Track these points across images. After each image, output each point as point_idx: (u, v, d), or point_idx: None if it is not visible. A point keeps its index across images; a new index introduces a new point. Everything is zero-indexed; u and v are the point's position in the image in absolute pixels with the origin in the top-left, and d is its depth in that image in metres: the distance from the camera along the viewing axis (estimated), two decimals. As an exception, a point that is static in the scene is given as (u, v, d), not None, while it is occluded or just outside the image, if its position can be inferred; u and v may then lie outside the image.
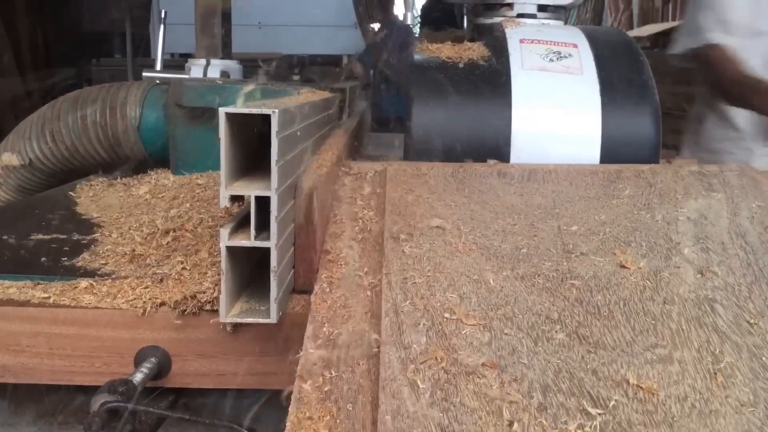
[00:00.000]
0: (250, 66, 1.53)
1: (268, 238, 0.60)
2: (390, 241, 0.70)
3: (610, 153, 1.01)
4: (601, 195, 0.84)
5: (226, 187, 0.59)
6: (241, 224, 0.63)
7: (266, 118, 0.59)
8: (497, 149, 1.00)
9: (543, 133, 1.01)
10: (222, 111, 0.57)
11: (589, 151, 1.02)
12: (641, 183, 0.87)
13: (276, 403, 0.75)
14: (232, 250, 0.60)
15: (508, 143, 1.00)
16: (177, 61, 2.58)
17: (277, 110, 0.58)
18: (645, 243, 0.73)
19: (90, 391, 0.67)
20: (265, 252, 0.60)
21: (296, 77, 1.44)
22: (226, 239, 0.59)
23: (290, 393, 0.52)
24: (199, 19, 1.42)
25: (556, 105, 1.02)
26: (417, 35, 1.27)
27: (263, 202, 0.60)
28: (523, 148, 1.01)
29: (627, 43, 1.12)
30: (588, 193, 0.85)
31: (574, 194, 0.84)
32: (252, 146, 0.68)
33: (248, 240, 0.60)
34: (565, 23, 1.29)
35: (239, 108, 0.58)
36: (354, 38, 3.61)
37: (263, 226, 0.61)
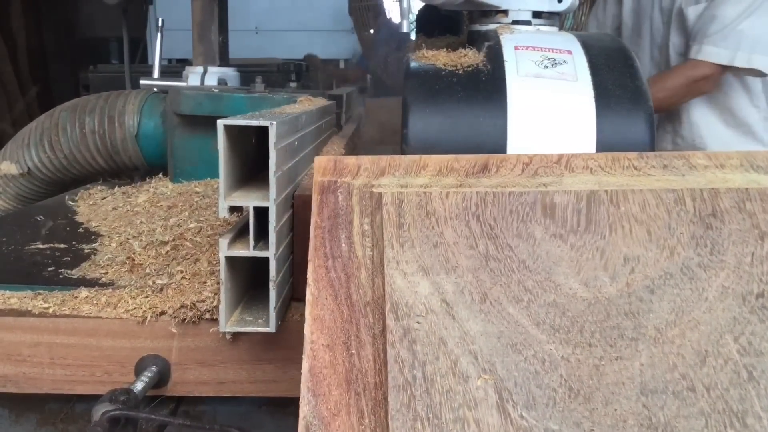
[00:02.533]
0: (248, 72, 1.53)
1: (266, 248, 0.61)
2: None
3: (605, 158, 1.02)
4: (699, 261, 0.57)
5: (225, 198, 0.60)
6: (239, 234, 0.64)
7: (264, 129, 0.59)
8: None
9: (538, 139, 1.02)
10: (221, 123, 0.58)
11: (585, 156, 1.02)
12: (746, 223, 0.59)
13: (274, 409, 0.76)
14: (231, 260, 0.61)
15: (503, 149, 1.01)
16: (174, 68, 2.59)
17: (274, 122, 0.58)
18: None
19: (91, 399, 0.68)
20: (264, 261, 0.61)
21: (293, 84, 1.45)
22: (225, 249, 0.60)
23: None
24: (196, 26, 1.43)
25: (551, 111, 1.03)
26: (412, 41, 1.28)
27: (262, 212, 0.60)
28: (519, 153, 1.01)
29: (620, 49, 1.13)
30: (679, 260, 0.57)
31: (660, 259, 0.57)
32: (250, 155, 0.69)
33: (247, 250, 0.60)
34: (561, 27, 1.30)
35: (237, 120, 0.59)
36: (351, 43, 3.62)
37: (262, 236, 0.61)
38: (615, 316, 0.53)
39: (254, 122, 0.59)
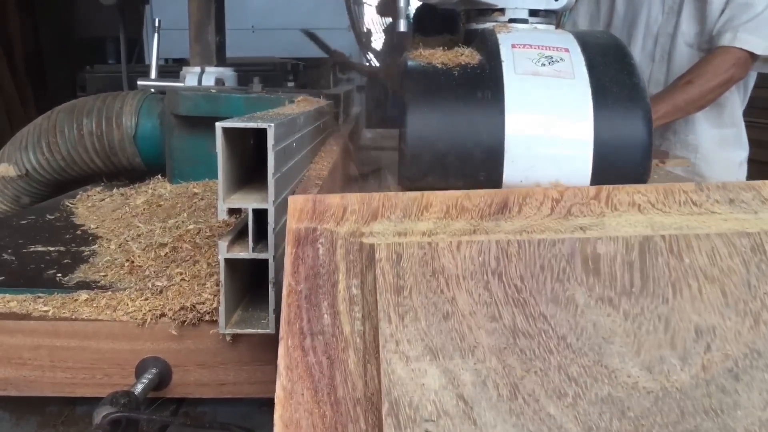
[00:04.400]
0: (245, 71, 1.53)
1: (265, 249, 0.61)
2: None
3: (603, 155, 1.02)
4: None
5: (224, 200, 0.60)
6: (239, 235, 0.64)
7: (262, 131, 0.59)
8: (491, 153, 1.01)
9: (536, 137, 1.02)
10: (219, 126, 0.58)
11: (582, 153, 1.02)
12: None
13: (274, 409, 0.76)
14: (230, 262, 0.61)
15: (501, 147, 1.01)
16: (171, 67, 2.58)
17: (272, 124, 0.58)
18: None
19: (92, 402, 0.68)
20: (264, 262, 0.61)
21: (291, 83, 1.44)
22: (224, 252, 0.60)
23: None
24: (192, 26, 1.43)
25: (549, 109, 1.03)
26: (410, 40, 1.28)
27: (261, 214, 0.60)
28: (517, 151, 1.02)
29: (617, 47, 1.13)
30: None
31: (741, 331, 0.44)
32: (248, 157, 0.69)
33: (246, 252, 0.60)
34: (558, 24, 1.30)
35: (236, 122, 0.59)
36: (348, 41, 3.62)
37: (261, 237, 0.61)
38: (692, 414, 0.40)
39: (252, 124, 0.59)
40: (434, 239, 0.48)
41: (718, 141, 1.82)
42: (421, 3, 1.11)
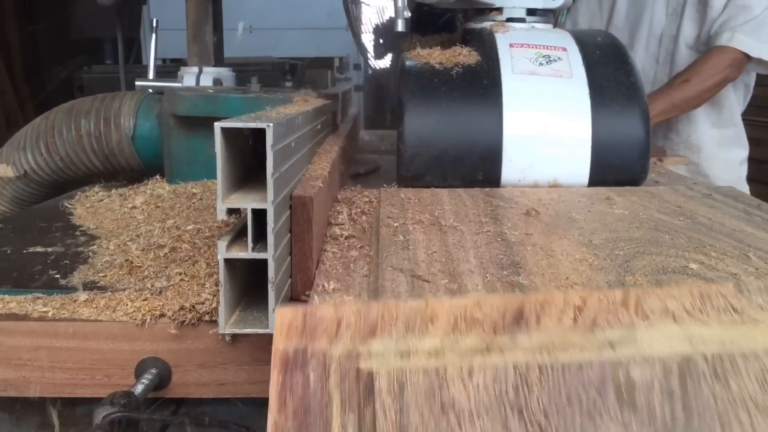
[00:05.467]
0: (243, 71, 1.53)
1: (265, 249, 0.61)
2: None
3: (601, 155, 1.03)
4: None
5: (223, 200, 0.60)
6: (238, 235, 0.64)
7: (261, 131, 0.60)
8: (489, 153, 1.02)
9: (534, 137, 1.03)
10: (217, 126, 0.58)
11: (580, 152, 1.03)
12: None
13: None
14: (229, 262, 0.61)
15: (499, 147, 1.02)
16: (169, 68, 2.58)
17: (271, 124, 0.59)
18: None
19: (91, 402, 0.68)
20: (263, 261, 0.61)
21: (289, 83, 1.45)
22: (224, 252, 0.60)
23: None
24: (190, 27, 1.43)
25: (547, 108, 1.03)
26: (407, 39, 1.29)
27: (260, 214, 0.61)
28: (515, 151, 1.02)
29: (615, 46, 1.14)
30: None
31: None
32: (247, 156, 0.69)
33: (246, 252, 0.61)
34: (556, 23, 1.31)
35: (234, 122, 0.59)
36: (346, 40, 3.62)
37: (260, 237, 0.62)
38: None
39: (251, 124, 0.60)
40: (441, 362, 0.41)
41: (719, 141, 1.84)
42: (418, 2, 1.11)
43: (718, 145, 1.83)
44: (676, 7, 1.78)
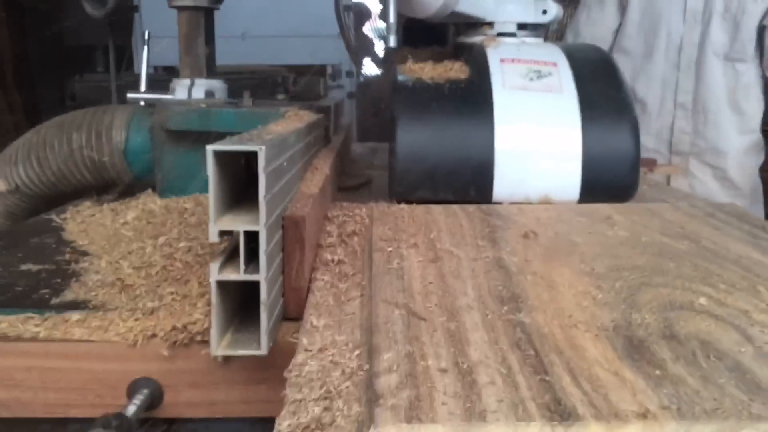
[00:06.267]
0: (235, 80, 1.53)
1: (257, 270, 0.61)
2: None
3: (592, 168, 1.03)
4: None
5: (215, 222, 0.60)
6: (230, 256, 0.64)
7: (253, 152, 0.60)
8: (481, 168, 1.02)
9: (525, 152, 1.03)
10: (209, 149, 0.58)
11: (571, 167, 1.04)
12: None
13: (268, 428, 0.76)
14: (222, 284, 0.61)
15: (491, 162, 1.02)
16: (160, 77, 2.58)
17: (263, 147, 0.59)
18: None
19: (83, 422, 0.68)
20: (256, 283, 0.61)
21: (281, 96, 1.45)
22: (216, 274, 0.60)
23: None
24: (182, 39, 1.43)
25: (538, 123, 1.04)
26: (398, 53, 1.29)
27: (252, 234, 0.61)
28: (507, 166, 1.03)
29: (605, 60, 1.15)
30: None
31: None
32: (239, 176, 0.69)
33: (238, 274, 0.61)
34: (546, 36, 1.32)
35: (227, 145, 0.59)
36: (338, 48, 3.62)
37: (252, 257, 0.62)
38: None
39: (244, 147, 0.60)
40: None
41: (745, 147, 1.87)
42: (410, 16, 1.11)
43: (743, 151, 1.86)
44: (695, 15, 1.79)
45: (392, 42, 1.02)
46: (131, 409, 0.65)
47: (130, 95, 1.40)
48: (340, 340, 0.56)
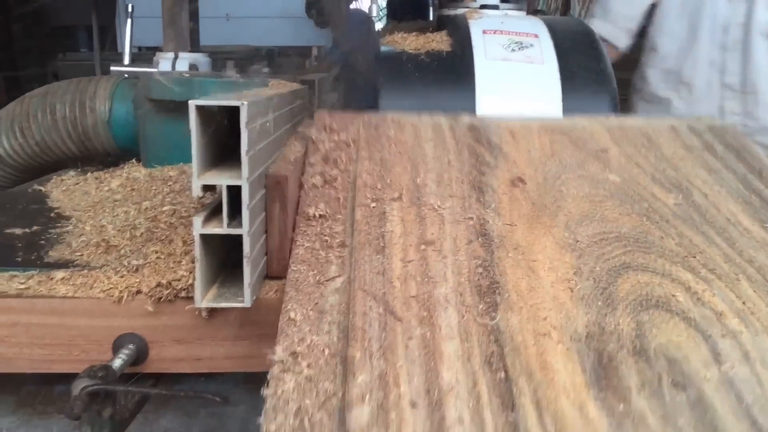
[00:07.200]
0: (219, 58, 1.54)
1: (240, 225, 0.62)
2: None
3: (571, 139, 1.05)
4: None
5: (198, 176, 0.61)
6: (213, 213, 0.65)
7: (236, 110, 0.61)
8: (462, 137, 1.03)
9: (506, 121, 1.04)
10: (192, 104, 0.59)
11: (551, 137, 1.05)
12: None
13: (253, 387, 0.78)
14: (205, 238, 0.62)
15: (473, 131, 1.03)
16: (144, 55, 2.56)
17: (245, 102, 0.60)
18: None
19: (69, 381, 0.69)
20: (239, 240, 0.62)
21: (266, 69, 1.45)
22: (199, 227, 0.61)
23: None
24: (166, 12, 1.43)
25: (519, 94, 1.06)
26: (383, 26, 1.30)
27: (235, 191, 0.62)
28: (488, 135, 1.04)
29: (586, 33, 1.16)
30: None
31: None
32: (223, 137, 0.70)
33: (221, 228, 0.62)
34: (528, 10, 1.33)
35: (209, 101, 0.60)
36: (324, 30, 3.61)
37: (236, 214, 0.63)
38: None
39: (225, 102, 0.61)
40: None
41: None
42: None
43: None
44: None
45: (374, 11, 1.02)
46: (117, 363, 0.67)
47: (113, 68, 1.40)
48: (317, 342, 0.55)
